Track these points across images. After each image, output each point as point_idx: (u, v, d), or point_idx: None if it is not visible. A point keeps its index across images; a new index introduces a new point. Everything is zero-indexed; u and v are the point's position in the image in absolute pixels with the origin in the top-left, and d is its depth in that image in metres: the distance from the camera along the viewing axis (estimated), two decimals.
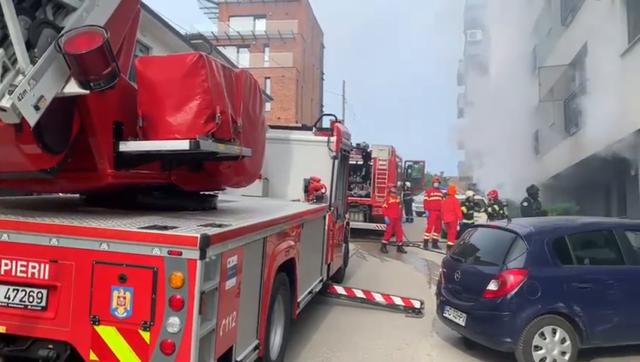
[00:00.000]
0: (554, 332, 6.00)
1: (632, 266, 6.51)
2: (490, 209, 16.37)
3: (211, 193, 5.69)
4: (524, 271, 6.12)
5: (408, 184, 25.46)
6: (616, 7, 13.48)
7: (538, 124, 24.09)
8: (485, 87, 27.38)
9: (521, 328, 5.94)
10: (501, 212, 15.71)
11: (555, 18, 20.05)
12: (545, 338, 5.97)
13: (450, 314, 6.77)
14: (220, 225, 3.93)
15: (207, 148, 4.11)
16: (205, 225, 3.90)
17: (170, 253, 3.44)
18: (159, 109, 4.15)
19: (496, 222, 9.16)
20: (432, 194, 17.76)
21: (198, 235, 3.43)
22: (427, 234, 17.17)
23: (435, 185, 18.34)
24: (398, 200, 16.68)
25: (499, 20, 28.32)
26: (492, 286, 6.17)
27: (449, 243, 15.85)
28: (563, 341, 5.99)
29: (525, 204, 14.10)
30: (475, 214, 16.73)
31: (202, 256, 3.44)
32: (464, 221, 15.73)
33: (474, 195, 17.88)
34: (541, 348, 5.95)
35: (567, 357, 5.98)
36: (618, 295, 6.27)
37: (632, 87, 12.34)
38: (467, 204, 16.72)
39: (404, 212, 24.93)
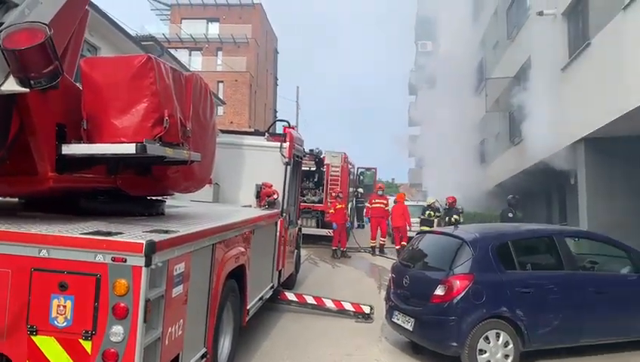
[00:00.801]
0: (497, 336, 6.17)
1: (570, 271, 6.78)
2: (452, 219, 16.12)
3: (159, 198, 5.57)
4: (470, 276, 6.28)
5: (361, 190, 25.74)
6: (557, 23, 14.13)
7: (484, 133, 24.89)
8: (434, 97, 28.07)
9: (466, 332, 6.09)
10: (459, 220, 15.68)
11: (502, 32, 20.81)
12: (489, 342, 6.13)
13: (399, 319, 6.87)
14: (166, 231, 3.84)
15: (154, 153, 4.02)
16: (151, 231, 3.81)
17: (113, 259, 3.34)
18: (105, 112, 4.03)
19: (443, 229, 9.37)
20: (374, 201, 17.66)
21: (144, 241, 3.34)
22: (373, 241, 17.18)
23: (379, 192, 18.07)
24: (343, 206, 16.75)
25: (448, 33, 29.18)
26: (439, 291, 6.30)
27: (397, 248, 16.33)
28: (506, 344, 6.17)
29: (510, 214, 13.89)
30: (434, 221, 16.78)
31: (148, 263, 3.35)
32: (422, 228, 15.80)
33: (435, 202, 17.72)
34: (485, 352, 6.10)
35: (509, 360, 6.16)
36: (557, 299, 6.51)
37: (571, 100, 12.96)
38: (429, 210, 16.84)
39: (356, 218, 25.23)
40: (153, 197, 5.47)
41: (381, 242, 17.26)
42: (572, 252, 7.20)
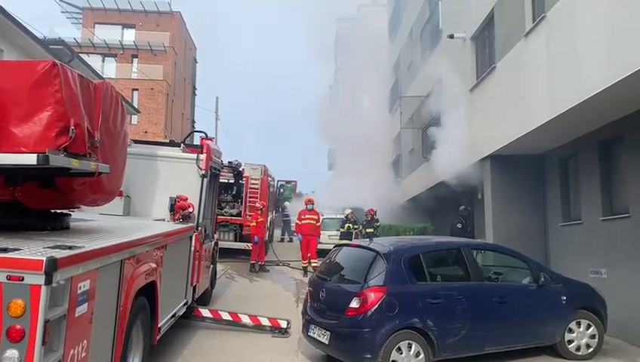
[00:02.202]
0: (409, 346, 6.36)
1: (476, 282, 7.15)
2: (369, 229, 16.41)
3: (64, 211, 5.25)
4: (384, 288, 6.44)
5: (287, 203, 25.71)
6: (466, 46, 14.96)
7: (399, 149, 25.78)
8: (353, 113, 28.73)
9: (380, 344, 6.22)
10: (375, 233, 16.01)
11: (416, 53, 21.71)
12: (401, 353, 6.30)
13: (315, 332, 6.90)
14: (70, 247, 3.63)
15: (57, 164, 3.79)
16: (53, 247, 3.58)
17: (9, 278, 3.11)
18: (4, 119, 3.76)
19: (359, 241, 9.56)
20: (304, 217, 16.06)
21: (44, 258, 3.14)
22: (304, 262, 15.77)
23: (309, 206, 16.19)
24: (264, 220, 16.65)
25: (365, 51, 30.06)
26: (354, 303, 6.40)
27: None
28: (417, 354, 6.37)
29: (459, 225, 14.04)
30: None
31: (48, 281, 3.15)
32: (341, 240, 16.01)
33: (352, 212, 17.90)
34: None
35: None
36: (464, 309, 6.82)
37: (478, 119, 13.72)
38: (348, 222, 17.05)
39: (287, 232, 25.19)
40: (57, 211, 5.15)
41: (314, 264, 15.26)
42: (478, 263, 7.59)
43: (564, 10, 9.12)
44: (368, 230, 16.38)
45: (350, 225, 17.06)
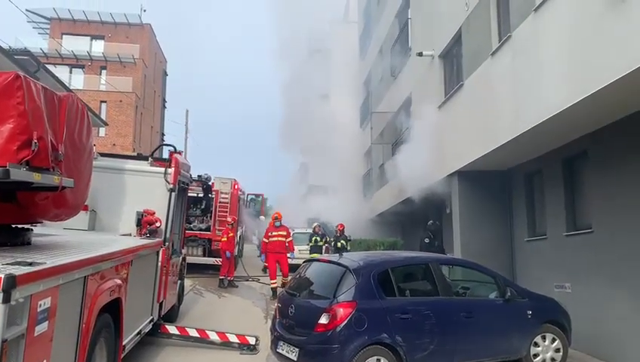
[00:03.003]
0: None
1: (444, 297, 7.21)
2: (339, 244, 16.44)
3: (25, 226, 5.10)
4: (353, 303, 6.43)
5: (263, 218, 25.47)
6: (435, 64, 15.24)
7: (370, 164, 25.98)
8: (324, 128, 28.87)
9: (349, 360, 6.19)
10: (347, 248, 15.99)
11: (386, 69, 22.00)
12: None
13: (284, 349, 6.82)
14: (30, 264, 3.51)
15: (18, 178, 3.69)
16: (13, 264, 3.46)
17: None
18: None
19: (328, 256, 9.54)
20: (272, 234, 14.64)
21: (2, 276, 3.02)
22: (273, 281, 14.43)
23: (276, 223, 14.78)
24: (234, 235, 16.48)
25: (337, 67, 30.34)
26: (323, 319, 6.37)
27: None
28: None
29: (427, 240, 13.95)
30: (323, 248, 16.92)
31: (6, 299, 3.03)
32: (313, 254, 15.95)
33: (316, 226, 17.79)
34: None
35: None
36: (433, 324, 6.86)
37: (446, 135, 13.94)
38: (318, 235, 17.00)
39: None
40: (18, 226, 4.99)
41: (284, 281, 14.16)
42: (447, 278, 7.66)
43: (529, 31, 9.39)
44: (341, 242, 16.37)
45: (317, 238, 17.02)
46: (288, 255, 14.62)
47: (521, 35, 9.73)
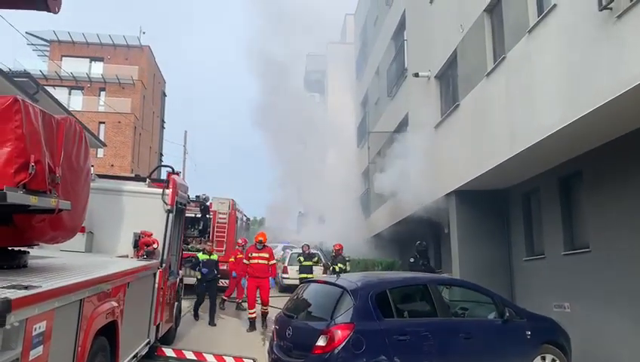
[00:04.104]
0: None
1: (443, 318, 7.16)
2: (336, 267, 16.09)
3: (21, 249, 5.09)
4: (351, 325, 6.38)
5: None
6: (431, 84, 15.40)
7: (367, 184, 26.02)
8: (321, 147, 28.99)
9: None
10: (347, 269, 15.75)
11: (383, 90, 22.20)
12: None
13: None
14: (26, 287, 3.49)
15: (15, 201, 3.70)
16: (8, 287, 3.44)
17: None
18: None
19: (326, 277, 9.50)
20: (252, 255, 12.91)
21: None
22: (251, 311, 12.65)
23: (258, 245, 12.98)
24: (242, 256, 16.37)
25: (335, 87, 30.60)
26: (321, 341, 6.31)
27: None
28: None
29: (412, 260, 14.01)
30: (315, 268, 16.76)
31: (1, 324, 3.01)
32: (302, 275, 15.84)
33: (307, 245, 17.59)
34: None
35: None
36: (431, 345, 6.79)
37: (443, 155, 14.02)
38: (303, 255, 16.89)
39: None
40: (15, 248, 4.99)
41: (264, 311, 12.81)
42: (445, 299, 7.63)
43: (523, 52, 9.52)
44: (340, 265, 16.10)
45: (301, 258, 16.89)
46: (270, 282, 13.05)
47: (515, 56, 9.86)
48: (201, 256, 14.10)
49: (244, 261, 13.33)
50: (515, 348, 7.46)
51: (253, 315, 12.56)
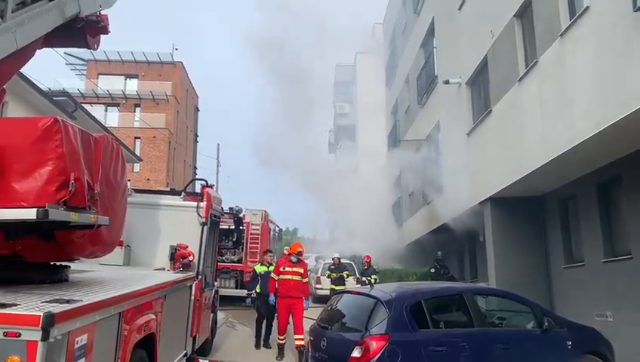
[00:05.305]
0: None
1: (480, 328, 7.03)
2: (366, 279, 15.87)
3: (63, 264, 5.25)
4: (386, 336, 6.33)
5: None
6: (462, 91, 15.24)
7: (399, 192, 25.86)
8: (353, 157, 28.98)
9: None
10: (376, 280, 15.66)
11: (413, 97, 22.09)
12: None
13: None
14: (68, 301, 3.61)
15: (57, 218, 3.83)
16: (51, 301, 3.56)
17: (6, 334, 3.08)
18: (5, 175, 3.82)
19: (359, 288, 9.44)
20: (284, 269, 10.54)
21: (41, 314, 3.11)
22: (281, 338, 10.39)
23: (293, 258, 10.65)
24: None
25: (364, 97, 30.61)
26: (356, 353, 6.28)
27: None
28: None
29: (433, 270, 14.12)
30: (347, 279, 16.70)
31: (45, 337, 3.11)
32: (332, 286, 15.80)
33: (338, 257, 17.59)
34: None
35: None
36: (469, 356, 6.68)
37: (477, 162, 13.83)
38: (333, 267, 16.87)
39: None
40: (57, 263, 5.15)
41: (299, 342, 10.09)
42: (481, 309, 7.49)
43: (555, 56, 9.35)
44: (374, 277, 15.96)
45: (331, 268, 16.82)
46: (304, 303, 10.52)
47: (547, 61, 9.70)
48: (258, 268, 12.28)
49: (273, 276, 10.78)
50: (555, 358, 7.26)
51: (283, 341, 10.37)
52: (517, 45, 11.46)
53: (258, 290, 11.73)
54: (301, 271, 10.59)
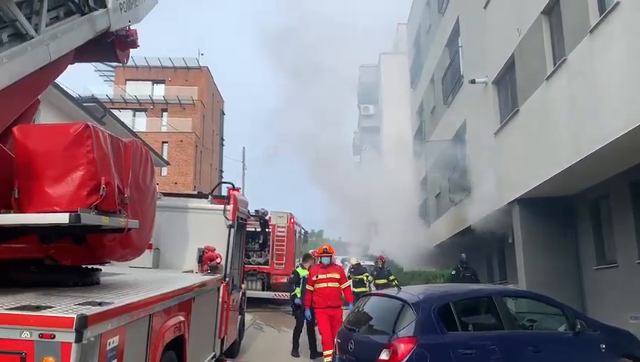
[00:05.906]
0: None
1: (510, 331, 6.92)
2: (379, 281, 15.82)
3: (94, 266, 5.36)
4: (414, 339, 6.27)
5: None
6: (489, 91, 15.05)
7: (426, 194, 25.63)
8: (378, 158, 28.84)
9: None
10: (395, 282, 15.64)
11: (438, 98, 21.90)
12: None
13: None
14: (100, 303, 3.68)
15: (89, 222, 3.91)
16: (84, 304, 3.64)
17: (41, 336, 3.15)
18: (38, 180, 3.92)
19: (386, 291, 9.38)
20: (319, 278, 9.66)
21: (74, 316, 3.19)
22: (328, 352, 8.97)
23: (324, 260, 9.82)
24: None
25: (389, 98, 30.46)
26: (384, 355, 6.24)
27: None
28: None
29: (453, 272, 14.03)
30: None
31: (78, 339, 3.19)
32: (354, 290, 15.72)
33: (359, 264, 17.34)
34: None
35: None
36: (499, 359, 6.57)
37: (504, 163, 13.64)
38: (353, 270, 16.82)
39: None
40: (88, 266, 5.26)
41: (327, 359, 9.05)
42: (511, 311, 7.36)
43: (585, 53, 9.16)
44: (378, 281, 15.89)
45: (349, 274, 16.75)
46: (344, 308, 9.85)
47: (576, 58, 9.50)
48: (301, 271, 11.45)
49: (309, 287, 9.84)
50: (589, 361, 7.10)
51: (329, 358, 8.79)
52: (545, 43, 11.26)
53: (298, 294, 11.05)
54: (337, 276, 9.71)
